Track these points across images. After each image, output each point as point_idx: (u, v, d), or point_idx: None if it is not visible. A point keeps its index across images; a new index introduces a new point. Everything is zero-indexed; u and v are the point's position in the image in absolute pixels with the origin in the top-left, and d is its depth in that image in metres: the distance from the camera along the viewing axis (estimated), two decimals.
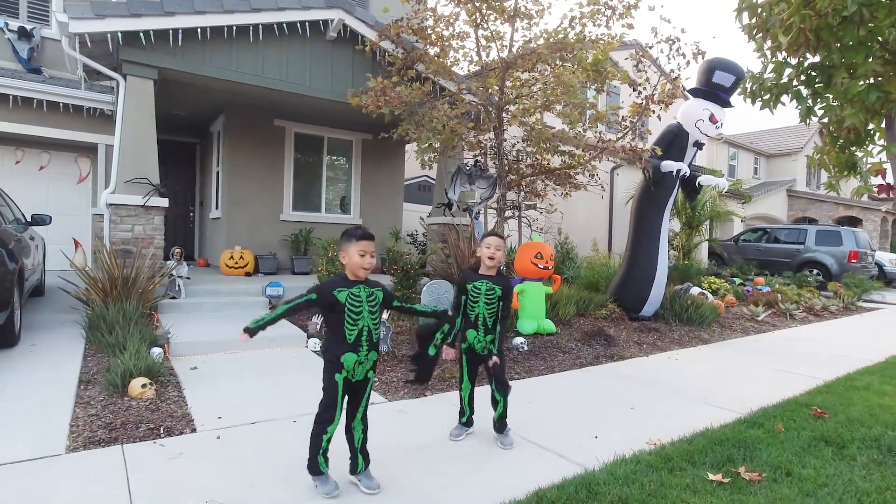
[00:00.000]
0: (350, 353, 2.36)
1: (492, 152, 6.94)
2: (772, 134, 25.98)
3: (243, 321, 2.43)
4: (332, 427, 2.39)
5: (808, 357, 5.85)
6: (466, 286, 3.02)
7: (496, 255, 3.02)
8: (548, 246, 6.20)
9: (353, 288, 2.38)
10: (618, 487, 2.48)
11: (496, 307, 3.00)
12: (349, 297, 2.36)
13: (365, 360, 2.40)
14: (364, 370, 2.42)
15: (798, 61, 3.19)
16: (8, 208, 5.63)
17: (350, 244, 2.39)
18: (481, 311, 2.98)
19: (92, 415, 3.27)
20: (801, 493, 2.51)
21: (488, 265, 3.03)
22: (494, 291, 2.98)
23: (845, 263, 13.31)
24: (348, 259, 2.40)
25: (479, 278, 3.02)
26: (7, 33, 8.68)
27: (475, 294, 2.99)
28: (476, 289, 2.99)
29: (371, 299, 2.41)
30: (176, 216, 10.48)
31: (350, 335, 2.36)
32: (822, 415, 3.68)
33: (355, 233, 2.42)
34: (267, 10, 6.64)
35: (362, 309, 2.37)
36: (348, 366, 2.36)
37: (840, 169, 3.56)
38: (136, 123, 6.22)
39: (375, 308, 2.43)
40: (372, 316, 2.40)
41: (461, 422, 3.18)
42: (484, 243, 3.07)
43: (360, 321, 2.37)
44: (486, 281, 3.00)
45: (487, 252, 3.02)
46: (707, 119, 6.77)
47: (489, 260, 3.01)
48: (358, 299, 2.37)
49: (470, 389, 3.13)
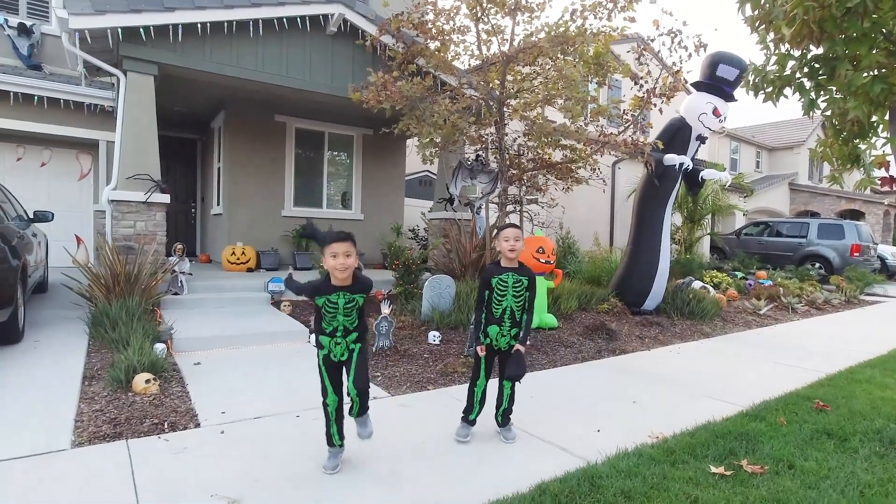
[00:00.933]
0: (325, 337, 2.57)
1: (493, 147, 6.92)
2: (774, 127, 25.86)
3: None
4: (330, 400, 2.57)
5: (810, 350, 5.86)
6: (492, 281, 2.98)
7: (516, 247, 2.98)
8: (549, 240, 6.19)
9: (331, 295, 2.51)
10: (620, 480, 2.49)
11: (524, 299, 2.99)
12: (326, 303, 2.52)
13: (341, 340, 2.56)
14: (343, 349, 2.57)
15: (801, 53, 3.17)
16: (10, 205, 5.64)
17: (325, 249, 2.49)
18: (509, 304, 2.96)
19: (96, 410, 3.28)
20: (804, 485, 2.52)
21: (510, 257, 2.99)
22: (521, 283, 2.97)
23: (847, 257, 13.29)
24: (325, 263, 2.52)
25: (504, 271, 2.98)
26: (7, 30, 8.66)
27: (503, 287, 2.96)
28: (503, 282, 2.96)
29: (349, 305, 2.54)
30: (177, 212, 10.49)
31: (326, 328, 2.57)
32: (825, 408, 3.68)
33: (326, 237, 2.51)
34: (267, 4, 6.62)
35: (337, 313, 2.53)
36: (325, 343, 2.57)
37: (843, 162, 3.54)
38: (137, 119, 6.21)
39: (352, 311, 2.56)
40: (347, 318, 2.55)
41: (469, 419, 3.09)
42: (502, 236, 3.03)
43: (335, 322, 2.54)
44: (512, 273, 2.97)
45: (507, 245, 2.98)
46: (710, 113, 6.75)
47: (510, 252, 2.97)
48: (334, 306, 2.52)
49: (484, 386, 3.08)
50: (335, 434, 2.62)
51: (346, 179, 10.07)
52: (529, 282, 3.00)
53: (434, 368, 4.52)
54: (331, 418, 2.61)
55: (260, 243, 8.66)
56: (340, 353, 2.59)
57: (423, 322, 5.83)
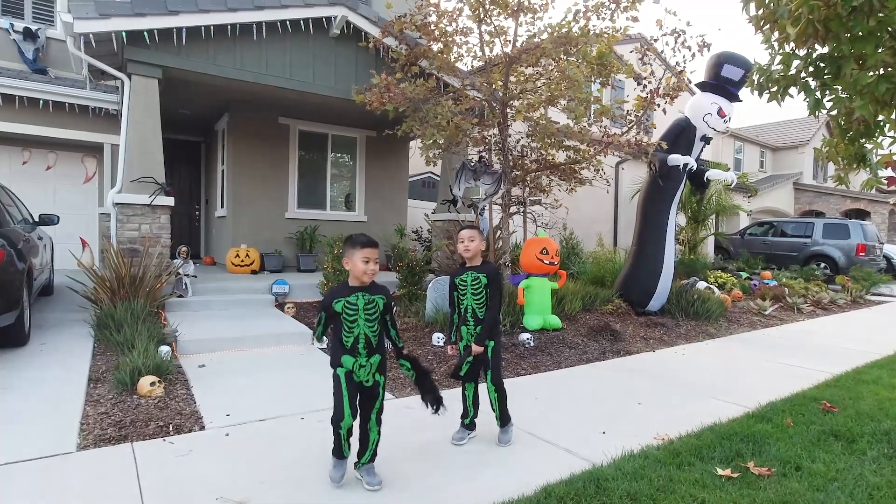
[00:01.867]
0: (347, 356, 2.42)
1: (496, 148, 6.91)
2: (778, 127, 25.75)
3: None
4: (345, 423, 2.41)
5: (816, 351, 5.82)
6: (455, 281, 3.07)
7: (470, 246, 3.01)
8: (553, 241, 6.18)
9: (349, 296, 2.41)
10: (626, 483, 2.48)
11: (483, 296, 2.98)
12: (345, 306, 2.41)
13: (366, 363, 2.42)
14: (367, 373, 2.44)
15: (806, 53, 3.15)
16: (16, 208, 5.67)
17: (354, 251, 2.43)
18: (469, 304, 2.98)
19: (102, 413, 3.29)
20: (811, 487, 2.50)
21: (467, 257, 3.04)
22: (479, 280, 2.98)
23: (853, 257, 13.21)
24: (352, 265, 2.44)
25: (464, 271, 3.04)
26: (12, 34, 8.71)
27: (462, 287, 3.02)
28: (462, 282, 3.02)
29: (369, 307, 2.43)
30: (182, 215, 10.52)
31: (346, 341, 2.42)
32: (832, 409, 3.66)
33: (359, 239, 2.45)
34: (270, 7, 6.64)
35: (357, 317, 2.41)
36: (347, 365, 2.42)
37: (849, 161, 3.51)
38: (142, 122, 6.23)
39: (374, 316, 2.44)
40: (369, 324, 2.42)
41: (464, 423, 3.11)
42: (458, 238, 3.09)
43: (356, 328, 2.41)
44: (471, 272, 3.01)
45: (461, 246, 3.04)
46: (715, 113, 6.73)
47: (465, 252, 3.03)
48: (353, 307, 2.41)
49: (473, 388, 3.08)
50: (346, 447, 2.48)
51: (349, 181, 10.08)
52: (489, 278, 2.98)
53: (438, 370, 4.52)
54: (343, 438, 2.45)
55: (264, 245, 8.68)
56: (365, 377, 2.44)
57: (427, 324, 5.82)
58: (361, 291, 2.43)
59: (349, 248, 2.45)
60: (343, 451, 2.47)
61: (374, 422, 2.50)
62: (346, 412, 2.41)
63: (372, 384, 2.47)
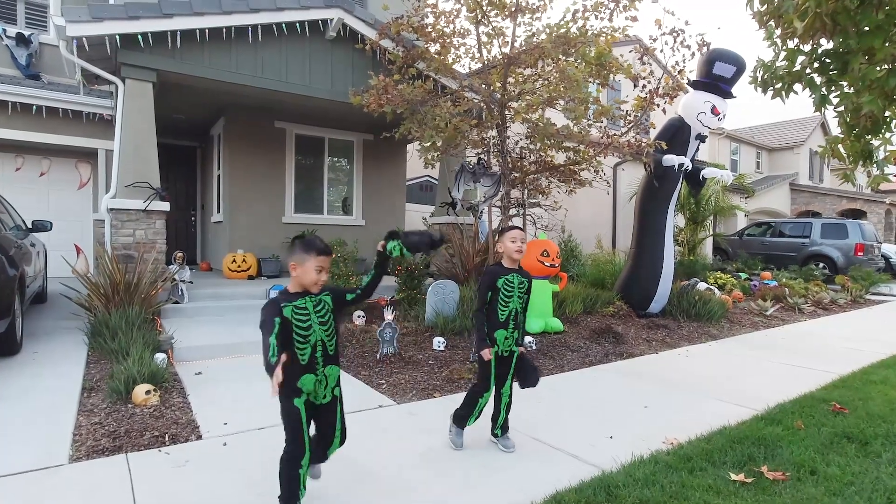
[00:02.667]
0: (307, 376, 2.11)
1: (495, 150, 6.85)
2: (773, 127, 25.85)
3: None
4: (306, 460, 2.15)
5: (821, 351, 5.77)
6: (497, 282, 2.86)
7: (523, 248, 2.93)
8: (553, 243, 6.12)
9: (297, 301, 2.09)
10: (638, 489, 2.41)
11: (525, 300, 2.94)
12: (294, 311, 2.07)
13: (323, 377, 2.14)
14: (325, 387, 2.16)
15: (812, 48, 3.10)
16: (8, 215, 5.58)
17: (308, 256, 2.09)
18: (515, 307, 2.89)
19: (95, 423, 3.20)
20: (828, 492, 2.43)
21: (515, 258, 2.92)
22: (524, 284, 2.92)
23: (852, 256, 13.21)
24: (301, 271, 2.09)
25: (509, 272, 2.91)
26: (5, 40, 8.63)
27: (509, 289, 2.87)
28: (509, 283, 2.87)
29: (319, 308, 2.13)
30: (178, 220, 10.42)
31: (302, 355, 2.08)
32: (842, 410, 3.60)
33: (316, 244, 2.12)
34: (265, 10, 6.58)
35: (311, 321, 2.10)
36: (308, 388, 2.11)
37: (855, 158, 3.46)
38: (136, 127, 6.15)
39: (326, 318, 2.14)
40: (324, 328, 2.13)
41: (462, 426, 2.97)
42: (508, 237, 2.93)
43: (312, 336, 2.10)
44: (516, 274, 2.91)
45: (514, 246, 2.89)
46: (709, 111, 6.70)
47: (517, 254, 2.90)
48: (304, 311, 2.09)
49: (490, 396, 2.96)
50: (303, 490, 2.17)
51: (346, 185, 10.01)
52: (529, 284, 2.96)
53: (440, 375, 4.44)
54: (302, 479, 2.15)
55: (261, 250, 8.59)
56: (322, 395, 2.17)
57: (427, 328, 5.74)
58: (306, 295, 2.12)
59: (301, 252, 2.10)
60: (300, 495, 2.14)
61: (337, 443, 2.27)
62: (307, 446, 2.14)
63: (330, 400, 2.18)
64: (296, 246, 2.16)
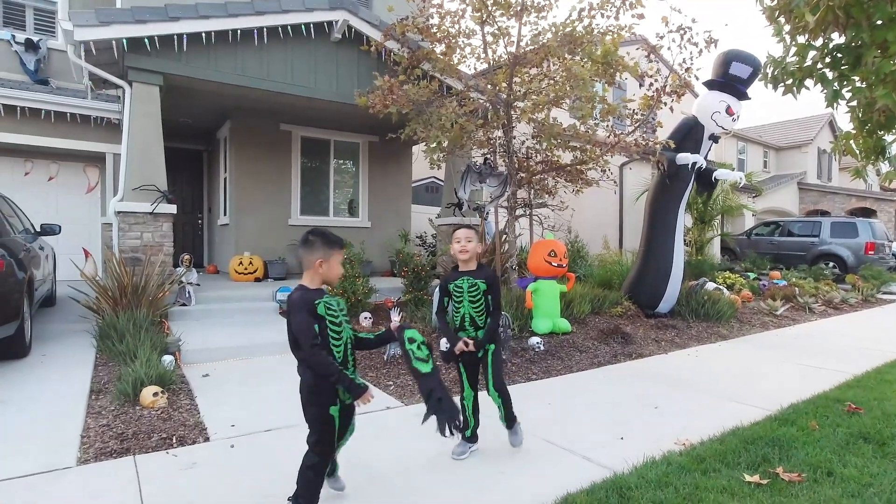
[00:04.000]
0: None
1: (501, 150, 6.83)
2: (780, 127, 25.66)
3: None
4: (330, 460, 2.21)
5: (833, 351, 5.69)
6: (448, 287, 2.86)
7: (468, 247, 2.80)
8: (561, 243, 6.08)
9: (325, 297, 2.09)
10: (651, 491, 2.37)
11: (482, 303, 2.82)
12: (327, 308, 2.05)
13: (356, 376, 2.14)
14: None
15: (823, 43, 3.06)
16: (17, 219, 5.61)
17: (333, 252, 2.10)
18: (466, 311, 2.81)
19: (103, 425, 3.20)
20: (846, 493, 2.38)
21: (463, 259, 2.83)
22: (477, 286, 2.80)
23: (862, 255, 13.06)
24: (327, 267, 2.09)
25: (459, 276, 2.84)
26: (14, 45, 8.71)
27: (458, 294, 2.82)
28: (458, 287, 2.82)
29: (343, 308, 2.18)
30: (185, 223, 10.46)
31: (338, 353, 2.06)
32: (857, 410, 3.53)
33: (339, 239, 2.15)
34: (271, 12, 6.59)
35: (342, 318, 2.10)
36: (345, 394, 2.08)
37: (868, 154, 3.41)
38: (143, 130, 6.17)
39: (348, 317, 2.18)
40: (348, 325, 2.15)
41: (465, 436, 2.91)
42: (454, 238, 2.86)
43: (344, 333, 2.10)
44: (468, 277, 2.82)
45: (458, 247, 2.82)
46: (724, 111, 6.64)
47: (462, 254, 2.81)
48: (335, 308, 2.10)
49: (473, 397, 2.93)
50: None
51: (352, 187, 10.01)
52: (488, 283, 2.82)
53: (447, 376, 4.40)
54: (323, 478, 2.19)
55: (267, 253, 8.60)
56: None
57: (434, 329, 5.71)
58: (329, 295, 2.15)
59: (326, 247, 2.09)
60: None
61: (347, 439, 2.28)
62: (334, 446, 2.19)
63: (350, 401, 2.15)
64: (316, 241, 2.11)
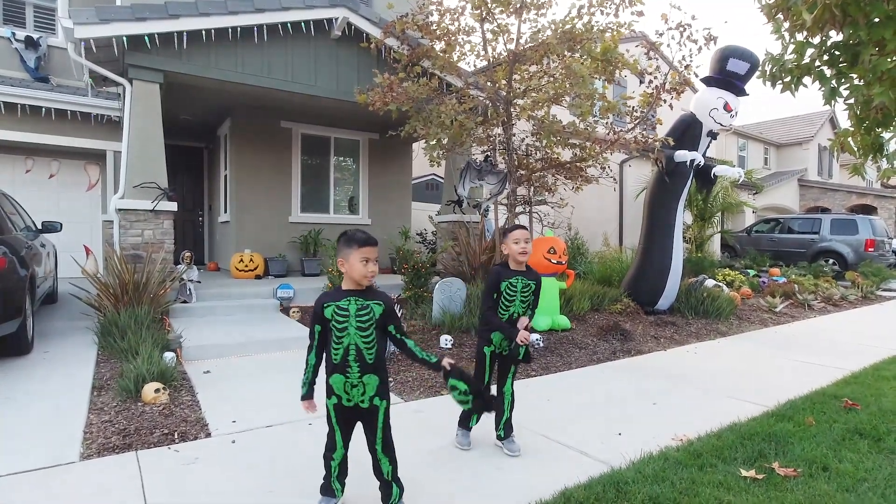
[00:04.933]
0: (336, 375, 2.10)
1: (501, 147, 6.84)
2: (781, 123, 25.63)
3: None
4: (338, 454, 2.21)
5: (831, 347, 5.71)
6: (501, 284, 2.81)
7: (527, 249, 2.81)
8: (560, 240, 6.10)
9: (340, 301, 2.10)
10: (647, 486, 2.39)
11: (529, 303, 2.87)
12: (335, 311, 2.09)
13: (358, 382, 2.09)
14: (360, 394, 2.11)
15: (821, 40, 3.07)
16: (18, 216, 5.63)
17: (351, 250, 2.10)
18: (516, 310, 2.82)
19: (105, 421, 3.22)
20: (841, 488, 2.41)
21: (520, 261, 2.82)
22: (530, 287, 2.84)
23: (862, 252, 13.08)
24: (349, 267, 2.11)
25: (513, 274, 2.82)
26: (14, 43, 8.70)
27: (511, 292, 2.80)
28: (512, 286, 2.80)
29: (363, 313, 2.09)
30: (185, 221, 10.49)
31: (335, 355, 2.09)
32: (854, 406, 3.56)
33: (357, 237, 2.12)
34: (271, 10, 6.59)
35: (347, 324, 2.07)
36: (337, 388, 2.11)
37: (865, 152, 3.42)
38: (144, 128, 6.19)
39: (367, 324, 2.09)
40: (361, 333, 2.08)
41: (468, 426, 2.96)
42: (511, 238, 2.83)
43: (346, 338, 2.07)
44: (521, 277, 2.82)
45: (517, 248, 2.79)
46: (721, 108, 6.65)
47: (521, 255, 2.79)
48: (344, 313, 2.08)
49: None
50: (336, 487, 2.25)
51: (352, 184, 10.03)
52: (537, 286, 2.88)
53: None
54: (333, 473, 2.23)
55: (268, 250, 8.62)
56: (359, 397, 2.11)
57: (434, 326, 5.74)
58: (355, 296, 2.12)
59: (344, 247, 2.12)
60: (333, 488, 2.23)
61: (381, 452, 2.19)
62: (339, 443, 2.19)
63: (369, 407, 2.13)
64: (338, 244, 2.17)
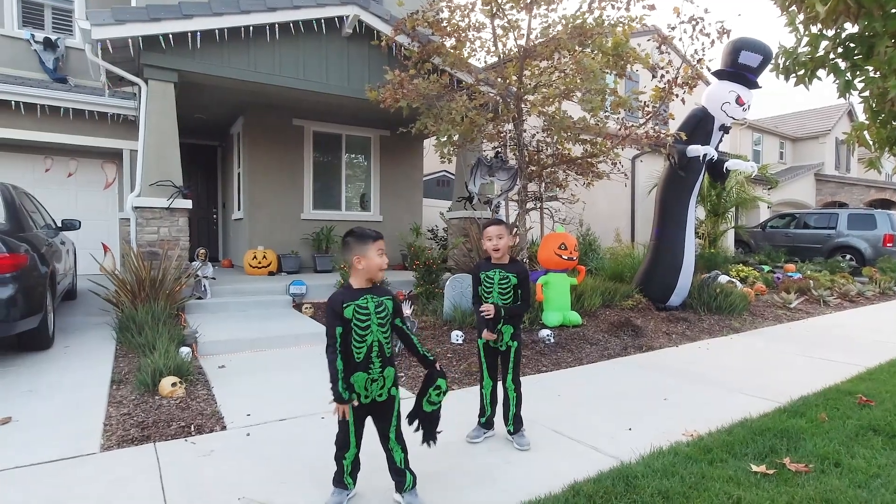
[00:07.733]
0: (360, 374, 2.16)
1: (511, 143, 6.84)
2: (797, 117, 25.20)
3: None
4: (350, 454, 2.26)
5: (846, 344, 5.64)
6: (479, 275, 2.93)
7: (499, 244, 2.85)
8: (571, 236, 6.09)
9: (358, 300, 2.16)
10: (657, 480, 2.40)
11: (511, 296, 2.88)
12: (356, 311, 2.14)
13: (379, 377, 2.19)
14: (380, 388, 2.20)
15: (835, 33, 3.03)
16: (39, 214, 5.76)
17: (367, 245, 2.19)
18: (495, 301, 2.87)
19: (124, 414, 3.31)
20: (853, 484, 2.39)
21: (496, 256, 2.90)
22: (508, 280, 2.86)
23: (880, 247, 12.83)
24: (367, 262, 2.19)
25: (492, 267, 2.90)
26: (33, 44, 8.88)
27: (488, 284, 2.89)
28: (489, 278, 2.89)
29: (380, 310, 2.19)
30: (200, 218, 10.64)
31: (358, 353, 2.14)
32: (868, 403, 3.52)
33: (369, 233, 2.23)
34: (283, 8, 6.65)
35: (370, 322, 2.15)
36: (358, 386, 2.17)
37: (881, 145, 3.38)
38: (159, 127, 6.29)
39: (385, 320, 2.20)
40: (381, 329, 2.18)
41: (480, 422, 3.03)
42: (485, 235, 2.92)
43: (369, 336, 2.15)
44: (500, 270, 2.88)
45: (490, 244, 2.88)
46: (733, 101, 6.57)
47: (494, 251, 2.88)
48: (365, 311, 2.15)
49: (491, 387, 3.01)
50: (348, 480, 2.30)
51: (364, 181, 10.09)
52: (519, 279, 2.88)
53: (458, 368, 4.47)
54: (346, 470, 2.28)
55: (280, 247, 8.72)
56: (377, 392, 2.20)
57: (446, 322, 5.78)
58: (370, 294, 2.20)
59: (360, 243, 2.20)
60: (345, 482, 2.28)
61: (394, 441, 2.26)
62: (353, 441, 2.23)
63: (386, 399, 2.22)
64: (350, 241, 2.24)
